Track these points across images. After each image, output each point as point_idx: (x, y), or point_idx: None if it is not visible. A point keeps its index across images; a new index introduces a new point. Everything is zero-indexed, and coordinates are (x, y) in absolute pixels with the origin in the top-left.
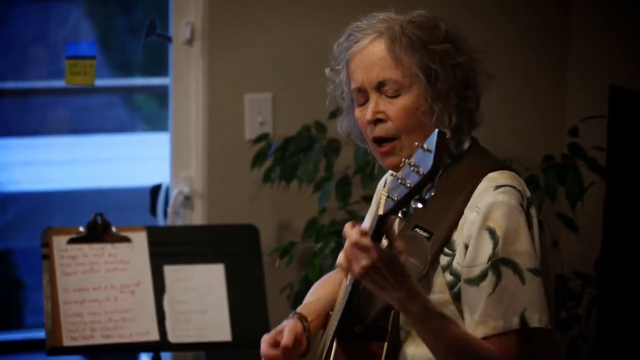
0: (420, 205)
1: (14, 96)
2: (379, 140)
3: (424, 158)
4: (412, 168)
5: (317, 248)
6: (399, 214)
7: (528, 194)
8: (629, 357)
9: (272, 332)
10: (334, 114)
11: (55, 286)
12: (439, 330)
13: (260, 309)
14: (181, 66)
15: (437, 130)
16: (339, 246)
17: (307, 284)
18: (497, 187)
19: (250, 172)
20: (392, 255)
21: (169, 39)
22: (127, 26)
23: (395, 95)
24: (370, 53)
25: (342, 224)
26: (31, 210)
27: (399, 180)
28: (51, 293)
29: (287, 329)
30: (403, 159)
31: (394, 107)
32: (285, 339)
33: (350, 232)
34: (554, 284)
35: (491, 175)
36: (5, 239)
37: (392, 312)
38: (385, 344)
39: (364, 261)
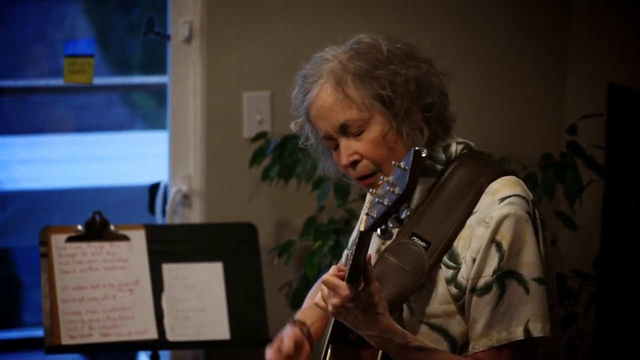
0: (397, 224)
1: (13, 95)
2: (363, 178)
3: (400, 177)
4: (389, 187)
5: (316, 246)
6: (379, 232)
7: (530, 195)
8: (627, 355)
9: (274, 343)
10: None
11: (53, 285)
12: None
13: (259, 307)
14: (180, 64)
15: (413, 149)
16: (338, 244)
17: (305, 283)
18: (502, 199)
19: (249, 170)
20: (364, 296)
21: (168, 37)
22: (126, 24)
23: (361, 132)
24: (322, 101)
25: (341, 222)
26: (30, 209)
27: (377, 199)
28: (49, 291)
29: (286, 336)
30: (382, 177)
31: (363, 144)
32: (286, 347)
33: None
34: (555, 281)
35: (492, 186)
36: (4, 238)
37: None
38: (380, 350)
39: (334, 300)
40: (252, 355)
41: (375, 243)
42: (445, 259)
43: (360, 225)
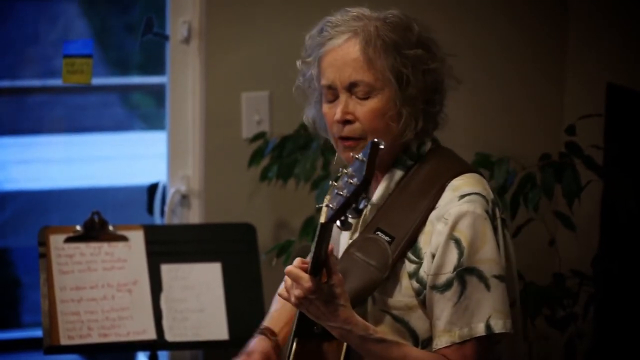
0: (355, 215)
1: (12, 95)
2: (346, 139)
3: (358, 168)
4: (348, 178)
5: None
6: (338, 224)
7: (491, 195)
8: (626, 355)
9: (240, 357)
10: None
11: (52, 285)
12: (380, 353)
13: (258, 307)
14: (178, 65)
15: (370, 141)
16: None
17: None
18: (462, 196)
19: (248, 170)
20: (326, 288)
21: (166, 38)
22: (124, 25)
23: (366, 97)
24: (344, 53)
25: None
26: (28, 209)
27: (336, 190)
28: (48, 292)
29: (254, 350)
30: (340, 168)
31: (363, 109)
32: (253, 348)
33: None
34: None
35: (454, 183)
36: (3, 238)
37: None
38: (345, 344)
39: (297, 291)
40: None
41: (344, 237)
42: (409, 253)
43: (321, 217)
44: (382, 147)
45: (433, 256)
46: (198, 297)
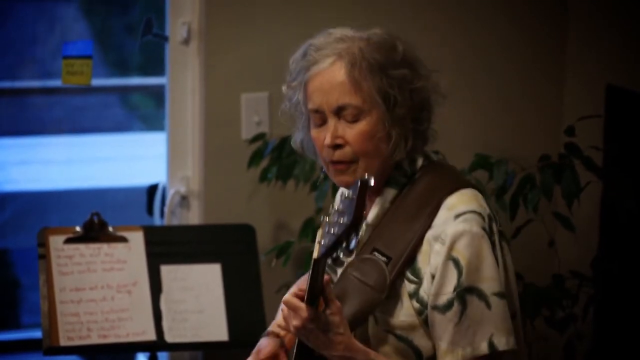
0: (347, 253)
1: (11, 96)
2: (337, 163)
3: (348, 206)
4: (338, 217)
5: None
6: (329, 262)
7: (487, 210)
8: (626, 356)
9: (251, 357)
10: None
11: (51, 286)
12: None
13: (257, 308)
14: (178, 66)
15: (359, 179)
16: None
17: None
18: (458, 215)
19: (247, 171)
20: (324, 317)
21: (166, 39)
22: (124, 26)
23: (355, 120)
24: (330, 77)
25: None
26: (28, 210)
27: (327, 227)
28: (48, 293)
29: (262, 347)
30: (331, 205)
31: (352, 132)
32: (262, 355)
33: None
34: (517, 289)
35: (449, 201)
36: (2, 239)
37: (353, 333)
38: None
39: (295, 322)
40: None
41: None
42: (408, 273)
43: (314, 253)
44: (371, 184)
45: (433, 276)
46: (197, 298)
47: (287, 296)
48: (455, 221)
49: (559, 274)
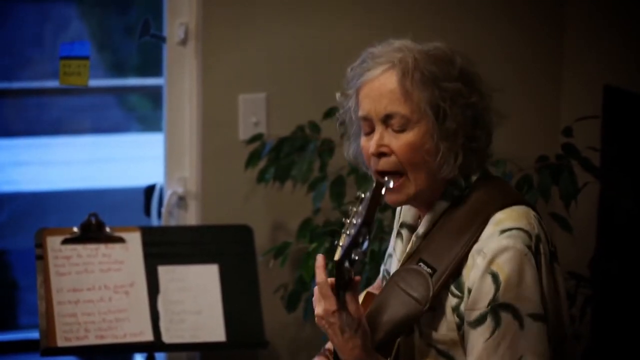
0: (362, 256)
1: (9, 97)
2: (383, 173)
3: (363, 207)
4: (355, 218)
5: (311, 248)
6: (346, 265)
7: (536, 229)
8: (623, 357)
9: None
10: (328, 115)
11: (49, 287)
12: None
13: (255, 309)
14: (175, 66)
15: (376, 180)
16: (333, 247)
17: (301, 285)
18: (503, 231)
19: (245, 172)
20: (345, 316)
21: (163, 40)
22: (122, 27)
23: (402, 130)
24: (380, 84)
25: (337, 224)
26: (26, 211)
27: (346, 229)
28: (45, 293)
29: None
30: (350, 207)
31: (398, 142)
32: None
33: (318, 272)
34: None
35: (497, 217)
36: (0, 240)
37: (397, 342)
38: None
39: (319, 309)
40: (248, 357)
41: (394, 266)
42: (452, 287)
43: (335, 255)
44: (390, 186)
45: (469, 290)
46: (195, 298)
47: (323, 280)
48: (500, 236)
49: None
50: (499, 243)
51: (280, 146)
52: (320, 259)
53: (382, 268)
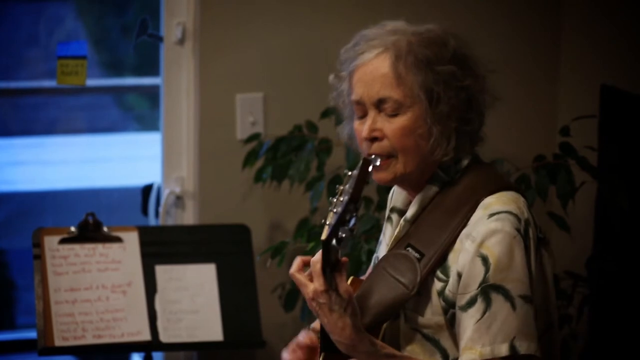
0: (349, 234)
1: (6, 96)
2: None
3: (350, 184)
4: (342, 196)
5: (309, 248)
6: (334, 243)
7: (526, 214)
8: (620, 356)
9: (289, 345)
10: (325, 114)
11: (46, 286)
12: None
13: (252, 308)
14: (172, 66)
15: (363, 157)
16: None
17: None
18: (492, 214)
19: (242, 172)
20: (334, 296)
21: (161, 39)
22: (119, 26)
23: (394, 114)
24: (373, 68)
25: None
26: (23, 211)
27: (333, 207)
28: (43, 293)
29: (300, 336)
30: (337, 186)
31: (391, 126)
32: (300, 339)
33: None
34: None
35: (486, 201)
36: None
37: (383, 327)
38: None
39: (307, 290)
40: (245, 356)
41: (382, 251)
42: (438, 271)
43: (322, 234)
44: (377, 164)
45: (459, 275)
46: (192, 298)
47: (316, 259)
48: (489, 220)
49: (554, 274)
50: (487, 226)
51: (277, 146)
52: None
53: (374, 256)
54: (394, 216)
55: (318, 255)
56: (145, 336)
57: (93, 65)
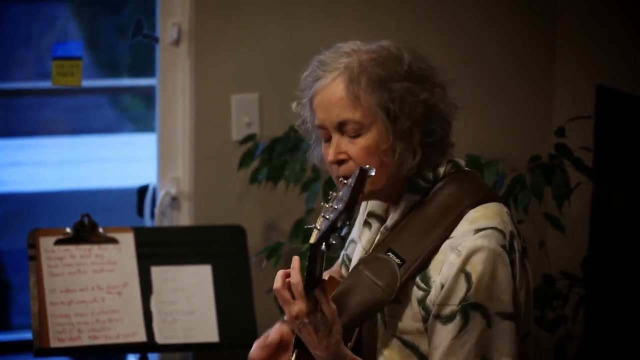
0: (339, 241)
1: (1, 97)
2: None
3: (345, 194)
4: (335, 203)
5: (304, 249)
6: (323, 248)
7: (509, 226)
8: (616, 357)
9: (261, 337)
10: None
11: (42, 287)
12: None
13: (248, 309)
14: (168, 67)
15: (359, 167)
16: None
17: None
18: (478, 230)
19: (237, 172)
20: (320, 316)
21: (156, 40)
22: (114, 27)
23: (357, 135)
24: (330, 93)
25: None
26: (19, 211)
27: (324, 213)
28: (38, 294)
29: (273, 330)
30: (330, 192)
31: (355, 147)
32: (271, 337)
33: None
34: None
35: (471, 214)
36: None
37: (356, 330)
38: None
39: (291, 310)
40: (241, 357)
41: (357, 254)
42: (418, 279)
43: (311, 238)
44: (372, 173)
45: (442, 286)
46: (188, 299)
47: (297, 281)
48: (475, 236)
49: (549, 275)
50: (473, 243)
51: (273, 146)
52: (296, 260)
53: (342, 252)
54: (373, 222)
55: (297, 275)
56: (141, 337)
57: (88, 66)
